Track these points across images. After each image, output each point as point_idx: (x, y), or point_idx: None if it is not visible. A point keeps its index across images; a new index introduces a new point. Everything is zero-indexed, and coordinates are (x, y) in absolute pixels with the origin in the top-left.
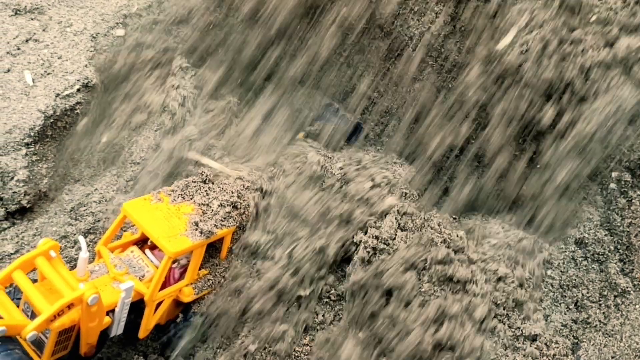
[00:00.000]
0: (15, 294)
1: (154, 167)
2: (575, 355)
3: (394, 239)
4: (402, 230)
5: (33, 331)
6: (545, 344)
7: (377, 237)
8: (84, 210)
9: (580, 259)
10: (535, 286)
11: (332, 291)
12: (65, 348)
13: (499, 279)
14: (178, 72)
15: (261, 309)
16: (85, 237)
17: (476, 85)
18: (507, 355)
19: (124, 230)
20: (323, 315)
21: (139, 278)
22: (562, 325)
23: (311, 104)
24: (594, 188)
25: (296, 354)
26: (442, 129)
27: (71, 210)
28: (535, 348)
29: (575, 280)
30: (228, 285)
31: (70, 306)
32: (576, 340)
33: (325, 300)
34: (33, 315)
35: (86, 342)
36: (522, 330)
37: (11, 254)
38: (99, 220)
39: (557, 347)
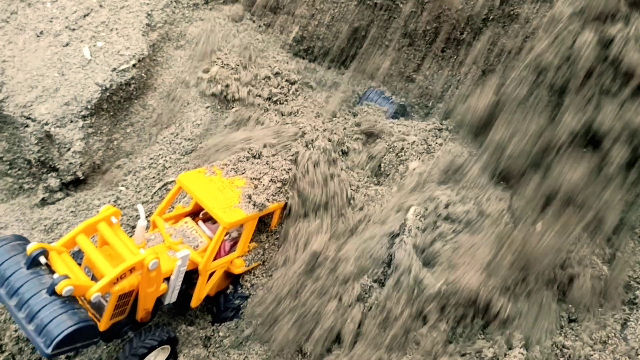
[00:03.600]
0: (74, 258)
1: None
2: (622, 334)
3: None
4: None
5: (97, 292)
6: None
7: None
8: (135, 183)
9: None
10: None
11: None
12: (123, 313)
13: None
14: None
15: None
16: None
17: None
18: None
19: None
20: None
21: (193, 248)
22: None
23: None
24: None
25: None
26: None
27: (122, 183)
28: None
29: None
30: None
31: (131, 270)
32: (623, 320)
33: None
34: (93, 279)
35: (143, 308)
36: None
37: (65, 223)
38: (150, 192)
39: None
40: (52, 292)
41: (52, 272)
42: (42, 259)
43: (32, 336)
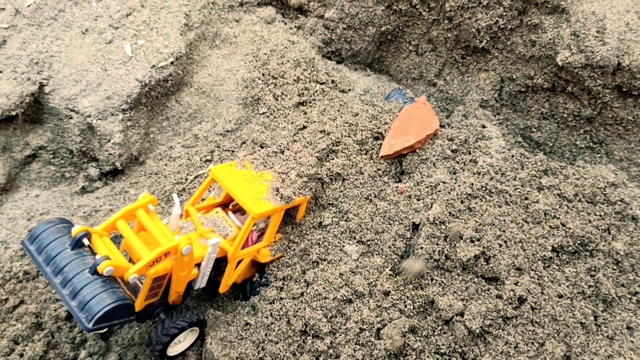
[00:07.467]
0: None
1: None
2: (629, 331)
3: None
4: None
5: (135, 273)
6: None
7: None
8: (170, 174)
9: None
10: None
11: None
12: (156, 295)
13: None
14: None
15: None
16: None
17: None
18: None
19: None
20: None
21: (223, 237)
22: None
23: (380, 86)
24: None
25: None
26: None
27: (156, 174)
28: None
29: None
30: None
31: (166, 254)
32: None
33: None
34: (130, 262)
35: (175, 291)
36: None
37: (103, 210)
38: (184, 183)
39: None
40: (94, 271)
41: (94, 253)
42: (85, 241)
43: (75, 311)
